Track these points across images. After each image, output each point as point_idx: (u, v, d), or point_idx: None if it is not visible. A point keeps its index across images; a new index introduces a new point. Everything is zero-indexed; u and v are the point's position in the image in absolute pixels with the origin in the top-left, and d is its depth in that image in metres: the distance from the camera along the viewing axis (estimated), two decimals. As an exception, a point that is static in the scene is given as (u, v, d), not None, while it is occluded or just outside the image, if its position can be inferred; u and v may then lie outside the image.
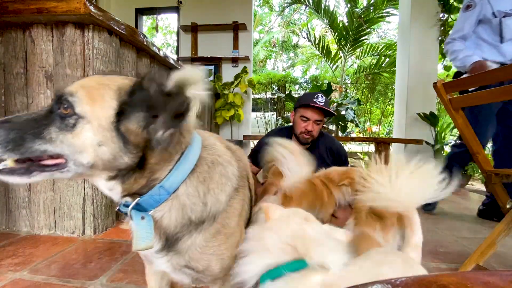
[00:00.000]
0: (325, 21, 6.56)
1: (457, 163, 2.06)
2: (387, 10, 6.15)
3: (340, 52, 6.83)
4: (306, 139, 1.69)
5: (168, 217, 0.57)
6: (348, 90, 7.56)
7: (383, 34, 13.09)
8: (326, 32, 11.01)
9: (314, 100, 1.64)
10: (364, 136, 7.14)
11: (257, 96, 7.77)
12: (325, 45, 6.83)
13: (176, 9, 4.85)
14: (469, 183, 3.83)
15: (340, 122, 4.78)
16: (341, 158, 1.78)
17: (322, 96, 1.65)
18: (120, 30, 1.59)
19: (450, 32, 2.23)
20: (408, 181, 0.77)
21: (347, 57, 6.88)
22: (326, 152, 1.76)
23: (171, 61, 2.31)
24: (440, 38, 4.09)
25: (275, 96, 7.33)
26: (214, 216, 0.61)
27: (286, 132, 1.84)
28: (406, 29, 4.28)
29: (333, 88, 4.99)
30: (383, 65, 6.60)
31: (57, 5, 1.34)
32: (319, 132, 1.78)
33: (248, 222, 0.82)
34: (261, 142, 1.88)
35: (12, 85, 1.54)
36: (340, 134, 5.57)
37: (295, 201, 1.16)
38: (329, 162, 1.72)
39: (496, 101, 1.79)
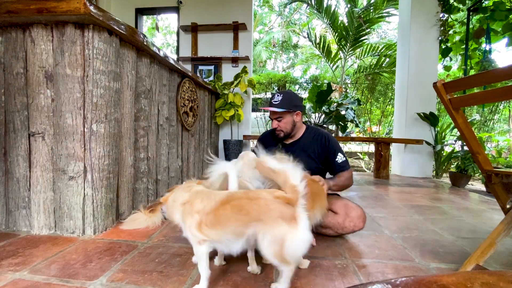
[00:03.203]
0: (326, 21, 6.56)
1: None
2: (387, 10, 6.16)
3: (340, 52, 6.83)
4: (278, 134, 1.76)
5: None
6: (348, 90, 7.55)
7: (383, 34, 13.09)
8: (326, 32, 11.01)
9: (272, 101, 1.73)
10: (364, 136, 7.13)
11: (257, 96, 7.77)
12: (326, 45, 6.83)
13: (176, 9, 4.85)
14: (469, 183, 3.83)
15: (340, 122, 4.77)
16: (330, 149, 1.70)
17: (279, 95, 1.71)
18: (120, 30, 1.59)
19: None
20: None
21: (347, 57, 6.88)
22: (313, 142, 1.75)
23: (171, 61, 2.31)
24: (440, 38, 4.09)
25: (275, 96, 7.32)
26: None
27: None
28: (406, 29, 4.28)
29: (333, 88, 4.98)
30: (383, 65, 6.60)
31: (57, 5, 1.33)
32: (306, 127, 1.81)
33: None
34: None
35: (12, 85, 1.54)
36: (340, 134, 5.57)
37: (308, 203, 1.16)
38: (315, 152, 1.70)
39: (497, 101, 1.79)
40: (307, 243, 0.95)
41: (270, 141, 1.84)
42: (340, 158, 1.68)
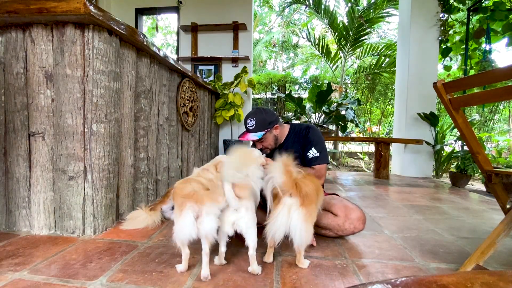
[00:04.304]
0: (325, 21, 6.56)
1: None
2: (387, 10, 6.16)
3: (340, 52, 6.84)
4: (265, 152, 1.72)
5: None
6: (348, 90, 7.56)
7: (383, 34, 13.09)
8: (326, 32, 11.01)
9: (246, 126, 1.68)
10: (364, 136, 7.14)
11: (257, 96, 7.77)
12: (325, 45, 6.83)
13: (176, 9, 4.86)
14: (469, 183, 3.83)
15: (340, 122, 4.78)
16: (307, 141, 1.68)
17: (251, 119, 1.66)
18: (120, 30, 1.59)
19: None
20: None
21: (347, 57, 6.88)
22: (295, 141, 1.73)
23: (171, 61, 2.31)
24: (440, 38, 4.09)
25: (275, 96, 7.34)
26: None
27: None
28: (406, 29, 4.28)
29: (333, 88, 4.98)
30: (383, 65, 6.60)
31: (57, 5, 1.33)
32: (289, 127, 1.79)
33: None
34: None
35: (12, 85, 1.54)
36: (340, 134, 5.58)
37: (313, 198, 1.19)
38: (298, 151, 1.68)
39: (497, 101, 1.79)
40: (182, 232, 1.08)
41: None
42: (312, 153, 1.64)
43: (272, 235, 1.14)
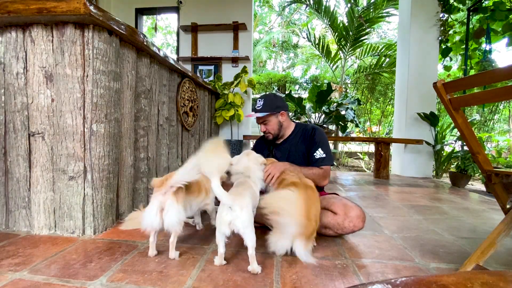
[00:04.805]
0: (325, 21, 6.56)
1: None
2: (387, 10, 6.16)
3: (340, 52, 6.83)
4: (267, 137, 1.81)
5: None
6: (348, 90, 7.55)
7: (383, 34, 13.09)
8: (326, 32, 11.01)
9: (255, 107, 1.77)
10: (364, 136, 7.13)
11: (257, 96, 7.77)
12: (325, 45, 6.83)
13: (176, 9, 4.86)
14: (469, 183, 3.83)
15: (340, 122, 4.78)
16: (313, 141, 1.72)
17: (260, 100, 1.74)
18: (120, 30, 1.59)
19: None
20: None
21: (347, 57, 6.88)
22: (300, 140, 1.77)
23: (171, 61, 2.31)
24: (440, 38, 4.09)
25: (275, 96, 7.32)
26: None
27: None
28: (406, 29, 4.28)
29: (333, 88, 4.98)
30: (383, 65, 6.60)
31: (57, 5, 1.33)
32: (295, 124, 1.84)
33: None
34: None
35: (12, 85, 1.54)
36: (340, 134, 5.57)
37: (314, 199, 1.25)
38: (302, 149, 1.74)
39: (497, 101, 1.79)
40: (146, 220, 1.20)
41: (263, 145, 1.89)
42: (318, 153, 1.67)
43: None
